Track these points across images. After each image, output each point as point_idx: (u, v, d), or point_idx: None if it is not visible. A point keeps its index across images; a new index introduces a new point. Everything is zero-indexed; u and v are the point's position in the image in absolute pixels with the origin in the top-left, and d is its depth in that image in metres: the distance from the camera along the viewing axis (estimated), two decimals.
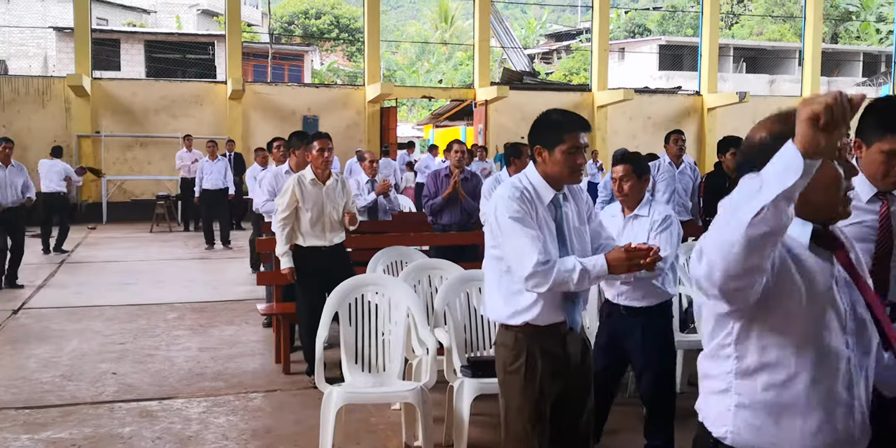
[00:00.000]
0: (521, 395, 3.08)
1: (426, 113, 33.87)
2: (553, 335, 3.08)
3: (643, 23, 44.05)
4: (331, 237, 5.61)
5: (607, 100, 19.91)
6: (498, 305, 3.14)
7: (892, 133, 2.65)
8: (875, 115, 2.72)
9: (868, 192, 2.77)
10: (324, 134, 5.69)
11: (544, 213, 3.03)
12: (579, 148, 3.02)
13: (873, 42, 37.48)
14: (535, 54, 41.58)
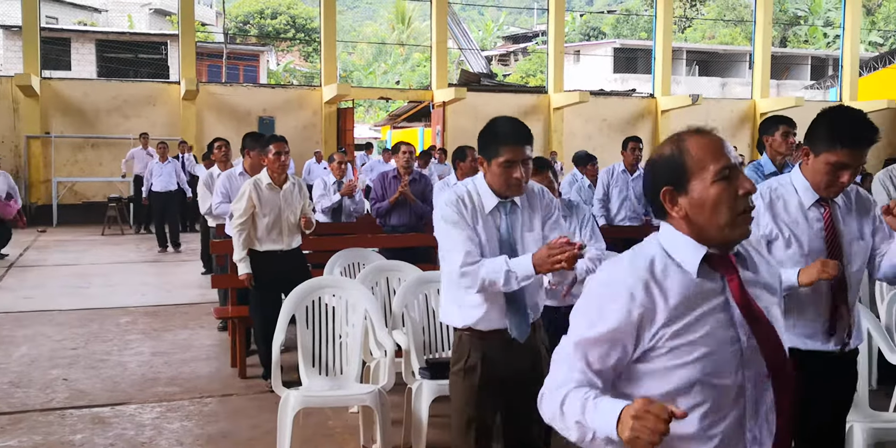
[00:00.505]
0: (461, 396, 3.10)
1: (383, 114, 33.78)
2: (496, 341, 3.05)
3: (598, 26, 44.51)
4: (288, 241, 5.56)
5: (563, 102, 20.06)
6: (447, 308, 3.16)
7: (840, 146, 2.73)
8: (826, 127, 2.78)
9: (810, 199, 2.86)
10: (279, 137, 5.63)
11: (485, 220, 3.02)
12: (514, 162, 2.95)
13: (821, 46, 38.33)
14: (492, 56, 41.75)
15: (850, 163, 2.76)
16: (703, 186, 1.78)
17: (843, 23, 23.73)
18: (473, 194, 3.05)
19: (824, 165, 2.78)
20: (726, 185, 1.77)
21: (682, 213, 1.81)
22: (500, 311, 3.02)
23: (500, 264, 2.87)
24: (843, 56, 23.52)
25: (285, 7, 41.40)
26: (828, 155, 2.76)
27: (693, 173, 1.79)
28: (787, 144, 5.23)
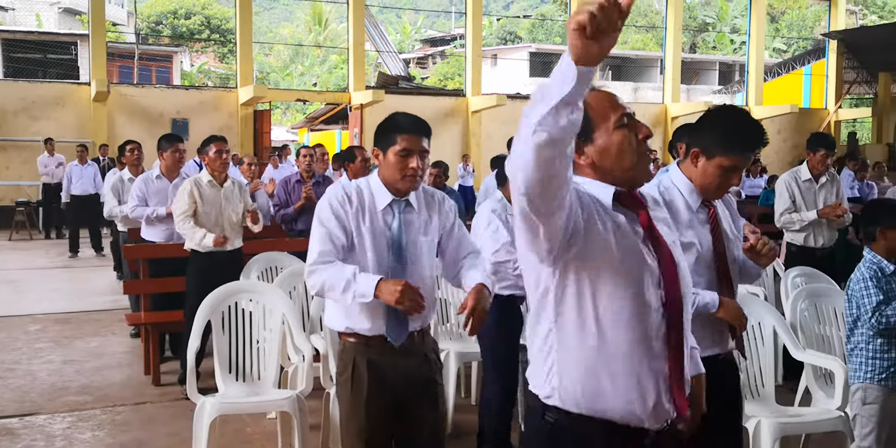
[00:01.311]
0: (349, 406, 2.98)
1: (301, 116, 33.45)
2: (380, 346, 2.94)
3: (515, 30, 45.08)
4: (230, 241, 5.50)
5: (481, 105, 20.23)
6: (328, 310, 3.07)
7: (734, 152, 2.74)
8: (720, 131, 2.77)
9: (696, 201, 2.86)
10: (220, 137, 5.63)
11: (374, 218, 2.92)
12: (412, 151, 2.87)
13: (728, 52, 39.66)
14: (410, 59, 41.82)
15: (742, 166, 2.80)
16: (606, 134, 1.94)
17: (749, 30, 24.62)
18: (364, 191, 2.95)
19: (717, 169, 2.78)
20: (626, 131, 1.95)
21: (588, 160, 1.96)
22: (378, 314, 2.91)
23: (347, 272, 2.77)
24: (749, 62, 24.39)
25: (199, 7, 40.58)
26: (722, 159, 2.76)
27: (596, 123, 1.94)
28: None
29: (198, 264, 5.44)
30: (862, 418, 3.71)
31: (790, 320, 4.48)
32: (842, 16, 25.90)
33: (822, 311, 4.61)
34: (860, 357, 3.72)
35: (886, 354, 3.65)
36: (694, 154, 2.83)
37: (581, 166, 1.97)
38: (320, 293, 2.84)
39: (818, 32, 29.80)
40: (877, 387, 3.67)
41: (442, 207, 3.09)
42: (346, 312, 2.95)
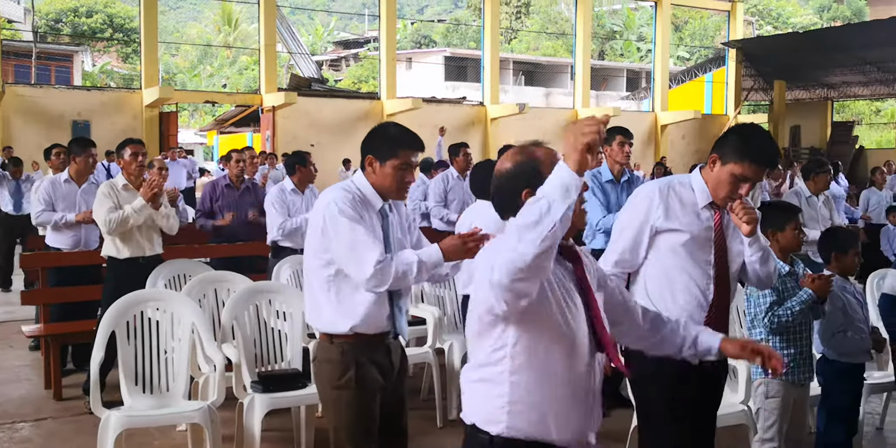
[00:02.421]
0: (351, 410, 3.01)
1: (210, 118, 32.77)
2: (379, 344, 3.07)
3: (429, 34, 45.25)
4: (149, 245, 5.32)
5: (396, 108, 20.20)
6: (324, 313, 3.05)
7: (747, 161, 2.92)
8: (737, 139, 2.98)
9: (705, 200, 3.06)
10: (136, 139, 5.49)
11: (374, 219, 3.04)
12: (410, 165, 3.04)
13: (635, 59, 40.72)
14: (323, 61, 41.46)
15: (752, 177, 2.96)
16: None
17: (655, 38, 25.33)
18: (360, 194, 3.05)
19: (728, 175, 2.96)
20: None
21: None
22: (384, 310, 3.03)
23: (410, 256, 2.93)
24: (655, 69, 25.09)
25: (102, 5, 39.29)
26: (734, 166, 2.94)
27: (546, 176, 2.06)
28: (623, 153, 5.52)
29: (115, 272, 5.24)
30: (764, 412, 3.87)
31: None
32: (740, 26, 26.92)
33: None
34: None
35: (785, 351, 3.81)
36: (712, 159, 3.03)
37: None
38: (400, 283, 2.94)
39: (718, 42, 30.89)
40: (777, 381, 3.83)
41: (402, 208, 3.27)
42: (349, 313, 3.01)
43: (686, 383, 2.99)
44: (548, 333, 2.10)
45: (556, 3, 42.46)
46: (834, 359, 4.13)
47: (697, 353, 2.51)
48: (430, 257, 2.93)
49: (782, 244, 3.87)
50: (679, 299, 3.06)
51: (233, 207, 6.70)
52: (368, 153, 3.08)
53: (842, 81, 25.67)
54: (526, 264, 1.86)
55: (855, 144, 24.91)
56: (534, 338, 2.09)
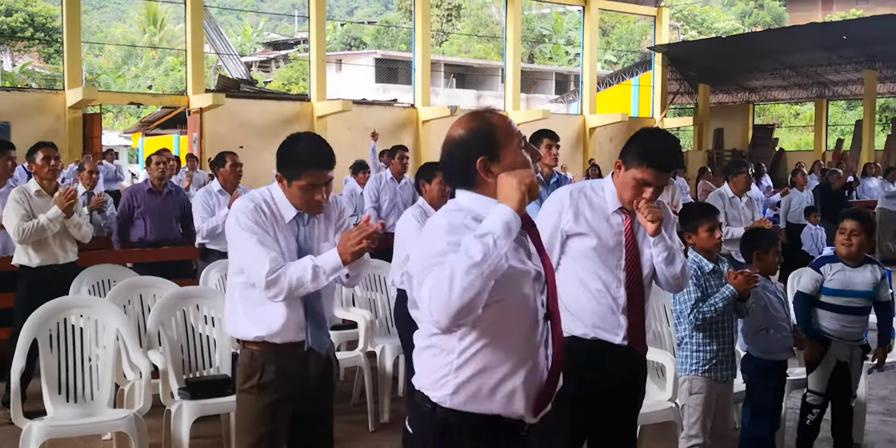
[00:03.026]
0: (252, 415, 2.98)
1: (135, 120, 31.99)
2: (292, 354, 3.00)
3: (359, 36, 45.04)
4: (63, 253, 5.17)
5: (327, 110, 20.05)
6: (238, 320, 3.03)
7: (646, 165, 2.99)
8: (637, 145, 3.06)
9: (615, 205, 3.10)
10: (48, 143, 5.32)
11: (284, 229, 2.97)
12: (317, 186, 2.94)
13: (564, 63, 41.27)
14: (252, 62, 40.92)
15: (653, 182, 3.01)
16: (512, 153, 2.14)
17: (583, 42, 25.71)
18: (271, 203, 2.98)
19: (631, 179, 3.03)
20: (525, 153, 2.18)
21: (495, 179, 2.11)
22: (298, 320, 2.96)
23: (306, 262, 2.86)
24: (583, 73, 25.47)
25: (22, 4, 37.98)
26: (635, 171, 3.01)
27: (502, 143, 2.14)
28: (550, 156, 5.59)
29: (28, 280, 5.08)
30: (689, 408, 3.96)
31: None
32: (665, 31, 27.52)
33: (654, 308, 4.86)
34: (686, 350, 3.97)
35: (708, 347, 3.90)
36: (618, 164, 3.09)
37: (487, 184, 2.14)
38: (291, 294, 2.85)
39: (645, 46, 31.52)
40: (701, 378, 3.92)
41: (335, 210, 3.19)
42: (258, 320, 2.95)
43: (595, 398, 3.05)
44: (504, 309, 2.08)
45: (486, 7, 42.77)
46: (757, 356, 4.25)
47: None
48: (326, 262, 2.84)
49: (699, 245, 3.97)
50: (591, 303, 3.08)
51: (156, 213, 6.55)
52: (278, 169, 3.01)
53: (763, 85, 26.49)
54: (470, 300, 1.87)
55: (775, 147, 25.73)
56: (489, 316, 2.05)
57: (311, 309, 2.99)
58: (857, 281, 4.44)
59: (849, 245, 4.39)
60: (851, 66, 23.11)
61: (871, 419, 5.24)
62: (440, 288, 1.88)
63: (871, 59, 22.34)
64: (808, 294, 4.44)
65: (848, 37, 21.69)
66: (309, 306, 2.99)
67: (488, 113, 2.20)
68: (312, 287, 2.87)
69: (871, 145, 22.06)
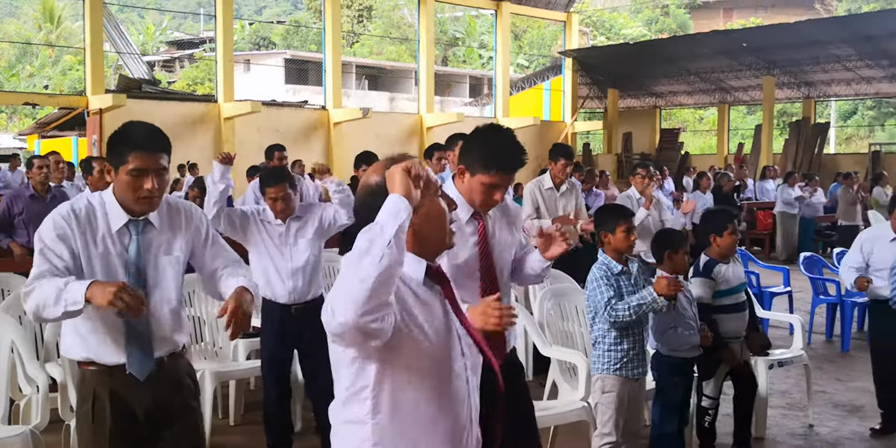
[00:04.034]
0: (90, 442, 2.72)
1: (30, 121, 30.71)
2: (124, 376, 2.70)
3: (268, 36, 44.37)
4: None
5: (234, 112, 19.64)
6: (65, 336, 2.79)
7: (492, 170, 2.93)
8: (479, 149, 2.97)
9: (466, 213, 3.05)
10: None
11: (105, 241, 2.68)
12: (145, 171, 2.63)
13: (477, 66, 41.60)
14: (155, 62, 39.83)
15: (502, 184, 2.98)
16: (430, 202, 2.03)
17: (496, 46, 25.95)
18: (98, 209, 2.70)
19: (479, 185, 2.97)
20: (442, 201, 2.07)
21: (412, 228, 1.98)
22: (117, 341, 2.67)
23: (59, 283, 2.50)
24: (496, 76, 25.69)
25: None
26: (482, 177, 2.95)
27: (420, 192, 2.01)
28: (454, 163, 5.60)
29: None
30: (602, 406, 4.01)
31: (538, 319, 4.73)
32: (575, 36, 28.03)
33: (566, 310, 4.91)
34: (599, 350, 4.03)
35: (620, 346, 3.96)
36: (461, 170, 3.01)
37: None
38: (37, 315, 2.53)
39: (555, 51, 32.04)
40: (613, 376, 3.98)
41: (191, 221, 2.88)
42: (83, 340, 2.69)
43: None
44: (415, 368, 1.97)
45: (398, 9, 42.74)
46: (666, 354, 4.34)
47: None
48: (70, 292, 2.46)
49: (614, 245, 4.02)
50: None
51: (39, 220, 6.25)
52: (107, 161, 2.73)
53: (669, 90, 27.26)
54: (369, 291, 1.75)
55: (681, 150, 26.50)
56: (399, 375, 1.96)
57: (132, 328, 2.68)
58: (738, 276, 4.67)
59: (735, 241, 4.59)
60: (751, 73, 24.00)
61: (772, 413, 5.42)
62: (337, 287, 1.80)
63: (770, 66, 23.25)
64: (707, 303, 4.54)
65: (748, 44, 22.56)
66: (131, 325, 2.68)
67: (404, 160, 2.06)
68: (52, 314, 2.50)
69: (770, 149, 22.95)
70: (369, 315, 1.76)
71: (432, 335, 1.99)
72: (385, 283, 1.77)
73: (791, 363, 5.48)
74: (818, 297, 8.09)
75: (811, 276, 8.16)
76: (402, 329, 1.93)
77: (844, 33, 20.75)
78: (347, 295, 1.77)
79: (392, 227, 1.80)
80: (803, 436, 5.24)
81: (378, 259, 1.76)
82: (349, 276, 1.78)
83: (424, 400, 1.98)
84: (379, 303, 1.77)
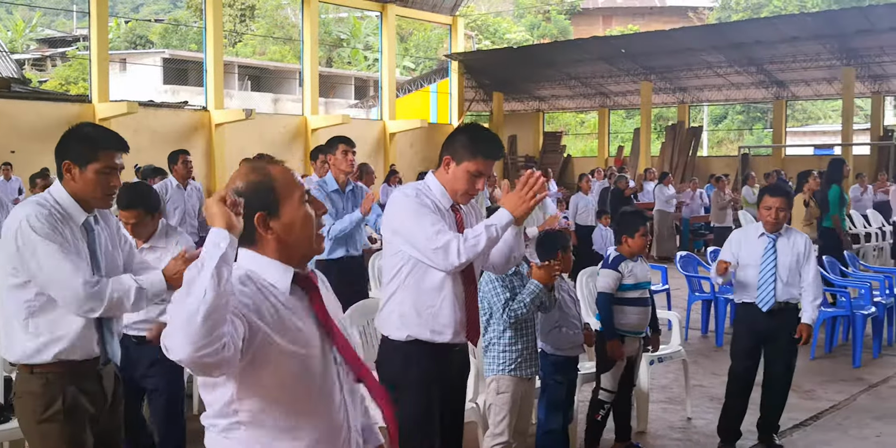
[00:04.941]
0: (67, 442, 2.75)
1: None
2: (89, 371, 2.83)
3: (145, 34, 42.87)
4: None
5: (110, 112, 18.87)
6: (21, 341, 2.72)
7: (479, 157, 3.09)
8: (466, 139, 3.13)
9: (447, 203, 3.17)
10: None
11: (77, 234, 2.77)
12: (115, 168, 2.84)
13: (363, 68, 41.43)
14: (25, 60, 37.87)
15: (486, 171, 3.14)
16: (293, 209, 1.99)
17: (381, 48, 25.91)
18: (58, 207, 2.77)
19: (464, 173, 3.12)
20: (309, 206, 2.03)
21: (274, 235, 1.98)
22: (93, 335, 2.78)
23: (127, 281, 2.75)
24: (382, 78, 25.66)
25: None
26: (468, 164, 3.11)
27: (282, 197, 1.99)
28: (346, 162, 5.53)
29: None
30: (496, 407, 4.05)
31: None
32: (461, 39, 28.31)
33: None
34: (493, 351, 4.06)
35: (515, 346, 4.01)
36: (446, 161, 3.16)
37: (267, 241, 1.99)
38: (110, 311, 2.70)
39: (441, 54, 32.25)
40: (508, 377, 4.02)
41: (111, 219, 3.02)
42: (52, 339, 2.71)
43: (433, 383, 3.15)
44: (280, 377, 1.91)
45: (282, 8, 42.05)
46: (551, 353, 4.42)
47: None
48: (152, 285, 2.76)
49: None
50: (446, 307, 3.12)
51: None
52: (65, 158, 2.80)
53: (551, 94, 27.91)
54: (198, 327, 1.67)
55: (563, 153, 27.15)
56: (263, 389, 1.91)
57: (104, 320, 2.81)
58: (644, 274, 4.84)
59: (646, 243, 4.80)
60: (629, 78, 24.84)
61: (653, 407, 5.60)
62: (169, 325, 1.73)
63: (647, 72, 24.13)
64: (611, 293, 4.66)
65: (626, 50, 23.34)
66: (103, 320, 2.81)
67: (269, 164, 2.05)
68: (132, 309, 2.79)
69: (648, 151, 23.81)
70: (204, 349, 1.69)
71: (299, 343, 1.94)
72: (213, 318, 1.69)
73: (670, 359, 5.67)
74: (694, 294, 8.42)
75: (687, 275, 8.48)
76: (263, 341, 1.87)
77: (715, 41, 21.77)
78: (177, 332, 1.70)
79: (213, 260, 1.73)
80: (682, 429, 5.43)
81: (202, 294, 1.69)
82: (177, 313, 1.71)
83: (291, 409, 1.93)
84: (211, 337, 1.69)
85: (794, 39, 20.52)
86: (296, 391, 1.94)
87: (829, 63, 21.35)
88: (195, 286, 1.71)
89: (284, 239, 1.99)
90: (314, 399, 1.97)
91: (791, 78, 23.21)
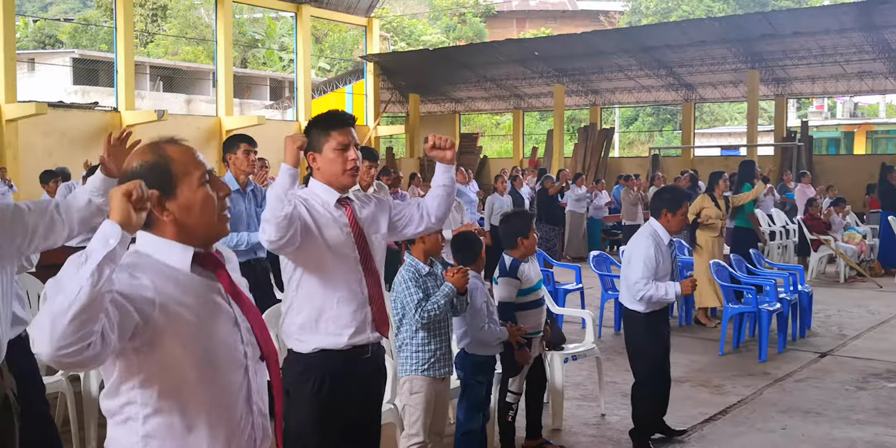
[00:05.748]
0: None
1: None
2: None
3: (55, 34, 41.41)
4: None
5: (17, 114, 18.22)
6: None
7: (330, 132, 3.06)
8: (311, 128, 3.10)
9: (333, 198, 3.11)
10: None
11: None
12: None
13: (278, 68, 40.91)
14: None
15: (347, 140, 3.08)
16: (190, 190, 1.94)
17: (296, 49, 25.67)
18: None
19: (331, 152, 3.07)
20: (209, 187, 1.97)
21: (171, 217, 1.93)
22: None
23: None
24: (298, 79, 25.43)
25: None
26: (327, 144, 3.06)
27: (179, 178, 1.93)
28: (248, 162, 5.44)
29: None
30: (410, 407, 4.08)
31: None
32: (376, 41, 28.28)
33: None
34: (406, 351, 4.09)
35: (428, 347, 4.05)
36: (311, 158, 3.11)
37: (163, 223, 1.94)
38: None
39: (357, 55, 32.13)
40: (421, 377, 4.06)
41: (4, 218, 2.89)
42: None
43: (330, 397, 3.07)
44: (179, 358, 1.87)
45: (195, 8, 41.18)
46: (472, 353, 4.48)
47: None
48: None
49: (426, 247, 4.12)
50: (344, 305, 3.08)
51: None
52: None
53: (467, 96, 28.12)
54: (65, 326, 1.58)
55: (480, 154, 27.40)
56: (160, 364, 1.85)
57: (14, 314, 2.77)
58: (537, 273, 4.94)
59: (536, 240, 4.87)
60: (543, 80, 25.25)
61: (568, 404, 5.71)
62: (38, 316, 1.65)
63: (560, 74, 24.57)
64: (512, 302, 4.74)
65: (539, 53, 23.73)
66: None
67: (168, 143, 1.99)
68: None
69: (562, 153, 24.24)
70: (64, 350, 1.61)
71: (199, 324, 1.90)
72: (82, 318, 1.60)
73: (584, 356, 5.79)
74: (607, 292, 8.62)
75: (600, 273, 8.69)
76: (159, 322, 1.83)
77: (626, 44, 22.32)
78: (43, 327, 1.61)
79: (98, 255, 1.63)
80: (596, 425, 5.56)
81: (76, 291, 1.59)
82: (47, 308, 1.62)
83: (189, 391, 1.89)
84: (75, 337, 1.61)
85: (701, 43, 21.23)
86: (193, 372, 1.89)
87: (734, 66, 22.15)
88: (71, 282, 1.61)
89: (182, 220, 1.94)
90: (213, 380, 1.93)
91: (699, 81, 23.97)
